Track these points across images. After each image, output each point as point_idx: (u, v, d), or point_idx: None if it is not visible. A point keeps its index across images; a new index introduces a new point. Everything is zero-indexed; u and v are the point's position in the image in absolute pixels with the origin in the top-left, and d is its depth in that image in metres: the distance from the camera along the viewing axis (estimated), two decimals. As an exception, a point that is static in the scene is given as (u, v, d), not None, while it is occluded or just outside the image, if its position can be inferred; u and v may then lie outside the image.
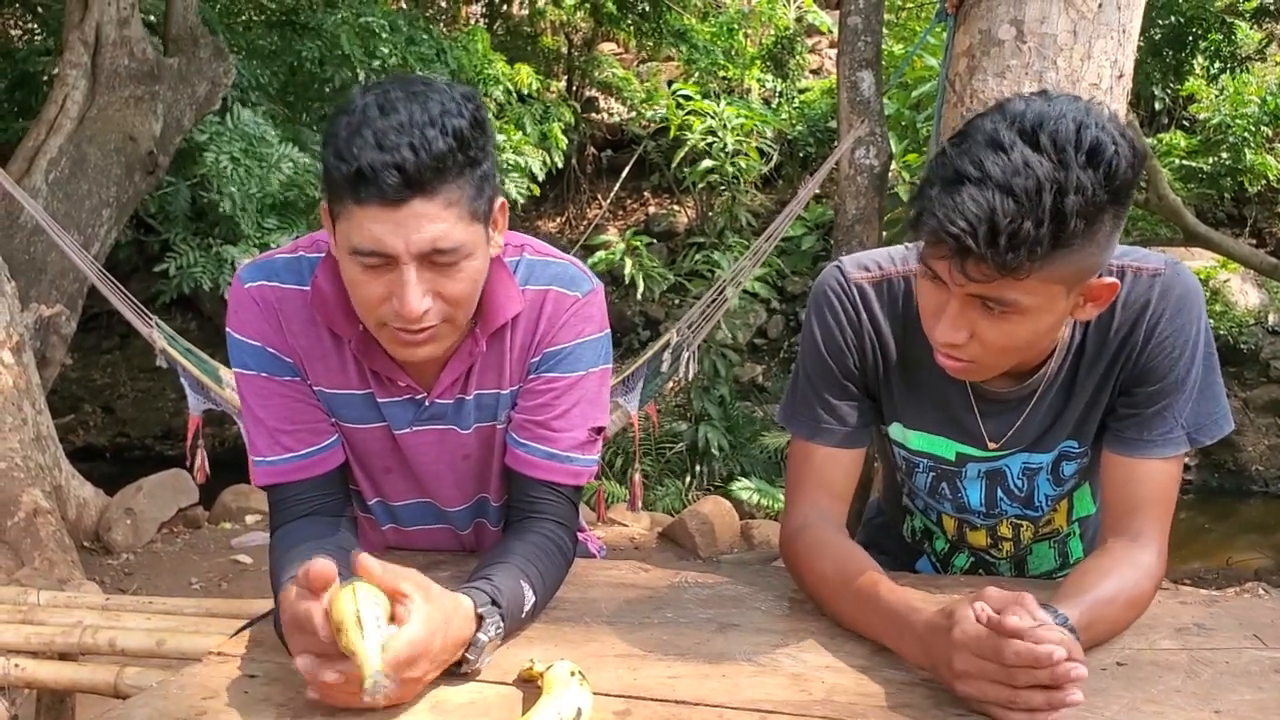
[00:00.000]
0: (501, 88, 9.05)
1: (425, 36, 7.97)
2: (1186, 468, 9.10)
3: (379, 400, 1.53)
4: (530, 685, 1.26)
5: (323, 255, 1.45)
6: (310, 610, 1.16)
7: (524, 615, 1.39)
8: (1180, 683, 1.28)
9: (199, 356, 4.74)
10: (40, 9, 8.39)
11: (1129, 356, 1.45)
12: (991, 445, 1.56)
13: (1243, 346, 9.50)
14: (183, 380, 4.70)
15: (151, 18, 7.13)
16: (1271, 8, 7.35)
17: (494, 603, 1.31)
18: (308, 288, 1.46)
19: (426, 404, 1.52)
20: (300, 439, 1.52)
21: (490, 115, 8.72)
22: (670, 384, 7.45)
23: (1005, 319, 1.29)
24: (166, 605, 2.38)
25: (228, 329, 1.51)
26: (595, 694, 1.23)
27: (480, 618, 1.28)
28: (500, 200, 1.40)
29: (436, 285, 1.32)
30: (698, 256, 8.88)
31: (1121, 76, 3.26)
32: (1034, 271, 1.22)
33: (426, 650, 1.17)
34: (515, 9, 11.97)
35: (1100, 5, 3.15)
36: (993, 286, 1.24)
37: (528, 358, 1.52)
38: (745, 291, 8.22)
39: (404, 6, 9.53)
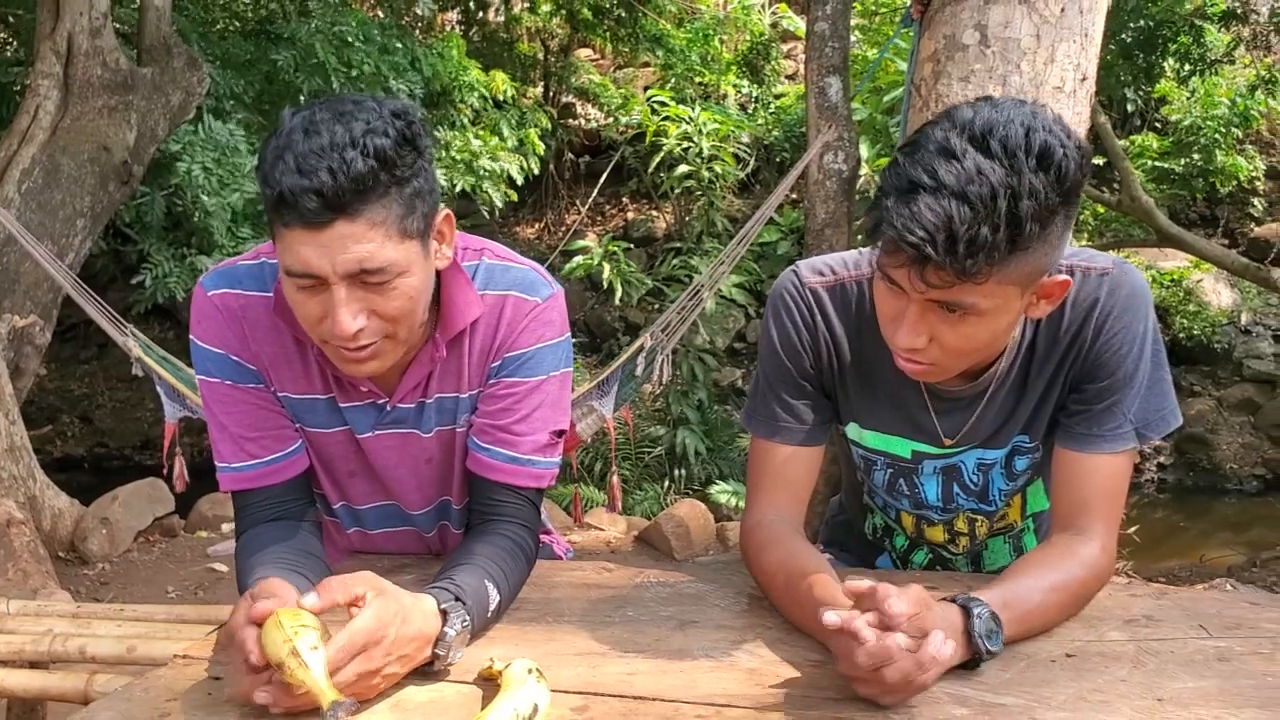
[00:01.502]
0: (477, 94, 9.06)
1: (399, 45, 7.96)
2: (1162, 466, 9.17)
3: (341, 405, 1.54)
4: (490, 684, 1.28)
5: None
6: (245, 640, 1.20)
7: (490, 614, 1.42)
8: (1126, 673, 1.31)
9: (174, 364, 4.73)
10: (11, 19, 8.35)
11: (1079, 353, 1.49)
12: (947, 442, 1.59)
13: (1216, 346, 9.59)
14: (158, 388, 4.70)
15: (125, 27, 7.11)
16: (1238, 11, 7.43)
17: (458, 599, 1.33)
18: (270, 294, 1.48)
19: (388, 409, 1.54)
20: (264, 445, 1.54)
21: (467, 121, 8.77)
22: (648, 388, 7.47)
23: (964, 322, 1.31)
24: (138, 612, 2.39)
25: (191, 336, 1.53)
26: (554, 691, 1.25)
27: (444, 614, 1.29)
28: (444, 212, 1.41)
29: (370, 304, 1.33)
30: (675, 261, 8.89)
31: (1085, 79, 3.29)
32: (992, 275, 1.24)
33: (379, 638, 1.19)
34: (491, 16, 11.97)
35: (1063, 9, 3.19)
36: (951, 291, 1.26)
37: (487, 362, 1.54)
38: (723, 296, 8.24)
39: (379, 15, 9.52)
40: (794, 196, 9.26)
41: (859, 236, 5.53)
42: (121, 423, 10.17)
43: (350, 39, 7.45)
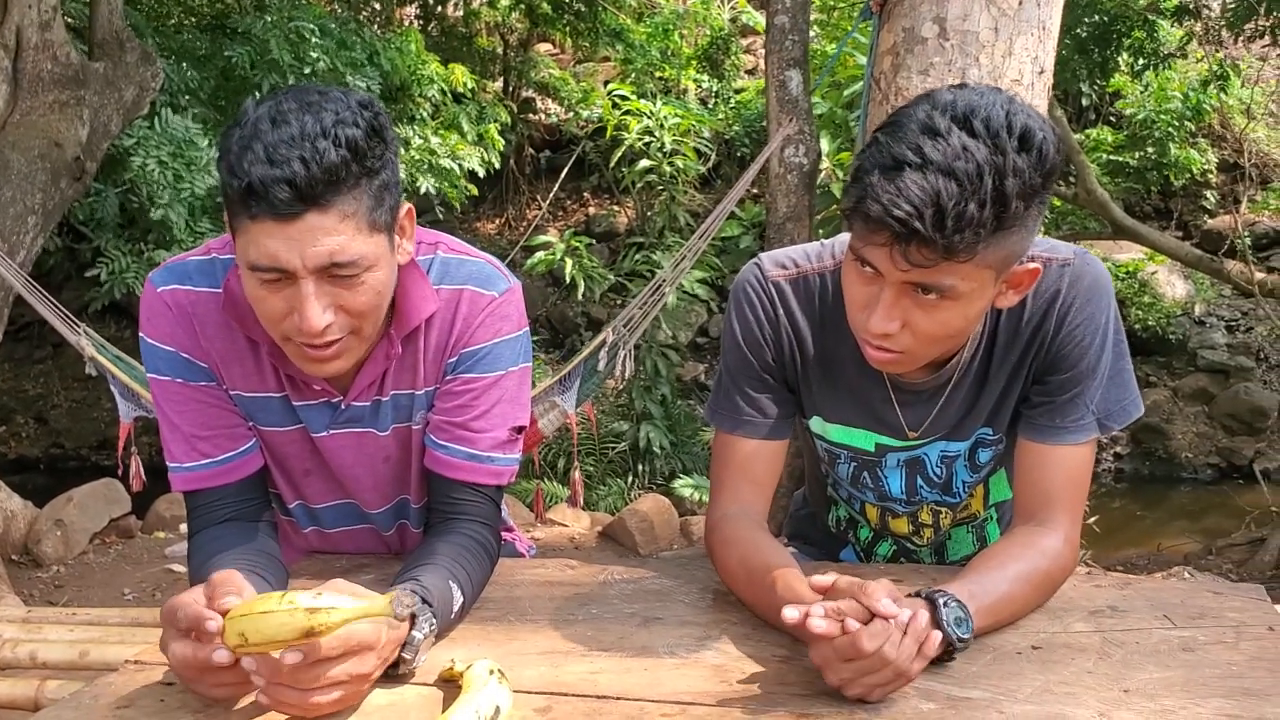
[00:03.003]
0: (436, 88, 8.98)
1: (357, 39, 7.88)
2: (1118, 456, 9.27)
3: (295, 403, 1.51)
4: (451, 685, 1.26)
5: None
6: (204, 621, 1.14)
7: (453, 615, 1.39)
8: (1092, 664, 1.31)
9: (129, 363, 4.65)
10: (-41, 13, 8.16)
11: (1041, 345, 1.48)
12: (911, 435, 1.59)
13: (1170, 337, 9.70)
14: (113, 388, 4.62)
15: (76, 21, 6.99)
16: (1191, 6, 7.51)
17: (424, 601, 1.30)
18: (220, 290, 1.44)
19: (343, 407, 1.51)
20: (217, 444, 1.51)
21: (426, 116, 8.70)
22: (611, 383, 7.46)
23: (938, 307, 1.30)
24: (90, 616, 2.35)
25: (141, 334, 1.49)
26: (517, 691, 1.23)
27: (413, 617, 1.27)
28: (406, 207, 1.38)
29: (338, 299, 1.30)
30: (638, 256, 8.87)
31: (1042, 73, 3.31)
32: (975, 254, 1.24)
33: (373, 642, 1.17)
34: (450, 10, 11.88)
35: (1020, 3, 3.20)
36: (932, 272, 1.25)
37: (444, 358, 1.51)
38: (685, 291, 8.23)
39: (336, 10, 9.41)
40: (754, 191, 9.27)
41: (819, 231, 5.54)
42: (77, 423, 10.02)
43: (306, 34, 7.36)
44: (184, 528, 5.71)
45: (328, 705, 1.15)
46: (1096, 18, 7.53)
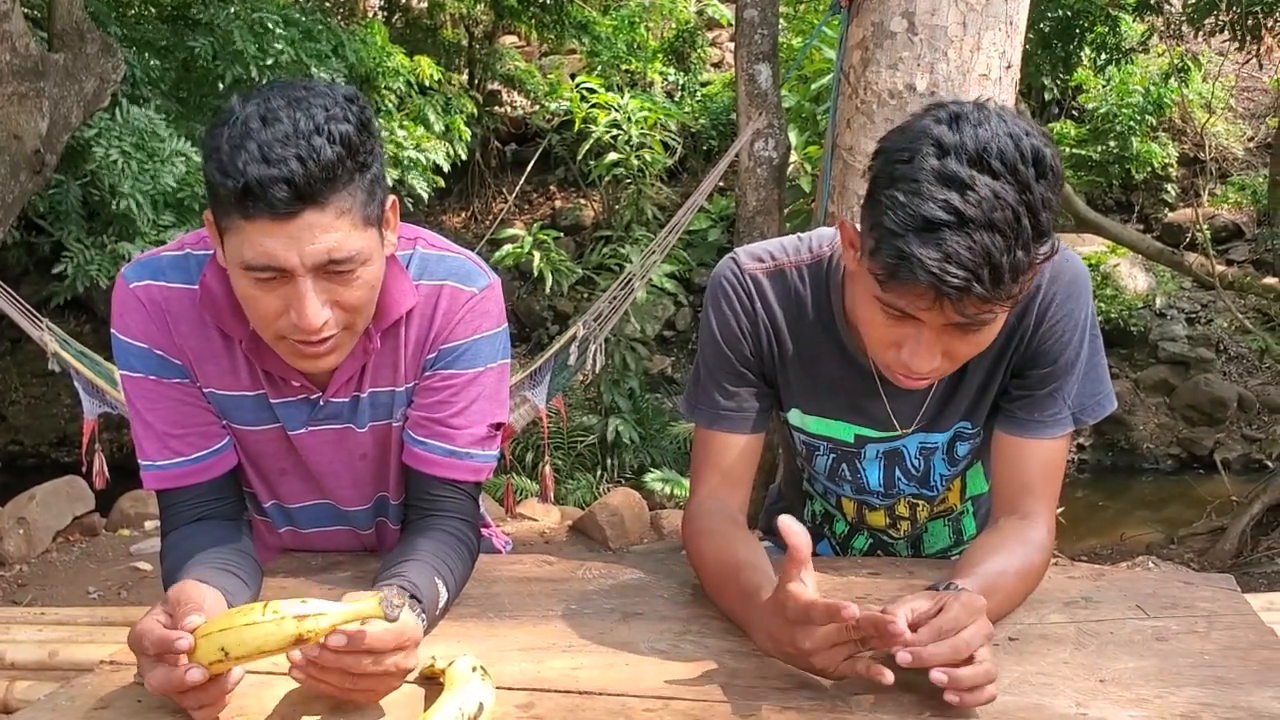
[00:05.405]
0: (402, 80, 8.92)
1: (321, 28, 7.80)
2: (1081, 447, 9.37)
3: (272, 401, 1.50)
4: (432, 682, 1.26)
5: (211, 253, 1.41)
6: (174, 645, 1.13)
7: (438, 612, 1.39)
8: (1068, 654, 1.32)
9: (93, 359, 4.60)
10: (-86, 2, 8.01)
11: (1021, 339, 1.49)
12: (904, 429, 1.59)
13: (1132, 329, 9.80)
14: (76, 384, 4.57)
15: (35, 12, 6.88)
16: (1152, 2, 7.59)
17: (414, 598, 1.30)
18: (195, 286, 1.43)
19: (321, 404, 1.50)
20: (190, 443, 1.49)
21: (391, 108, 8.64)
22: (579, 377, 7.45)
23: (979, 332, 1.29)
24: (59, 615, 2.32)
25: (113, 330, 1.47)
26: (498, 688, 1.23)
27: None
28: (391, 199, 1.38)
29: (334, 294, 1.30)
30: (605, 250, 8.86)
31: (1010, 67, 3.34)
32: (1027, 288, 1.24)
33: (419, 638, 1.19)
34: (414, 2, 11.81)
35: (988, -2, 3.23)
36: (985, 314, 1.24)
37: (423, 354, 1.50)
38: (653, 285, 8.23)
39: (300, 1, 9.31)
40: (721, 184, 9.27)
41: (788, 224, 5.56)
42: (37, 420, 9.89)
43: (270, 25, 7.27)
44: (149, 524, 5.66)
45: (363, 695, 1.17)
46: (1060, 13, 7.61)
